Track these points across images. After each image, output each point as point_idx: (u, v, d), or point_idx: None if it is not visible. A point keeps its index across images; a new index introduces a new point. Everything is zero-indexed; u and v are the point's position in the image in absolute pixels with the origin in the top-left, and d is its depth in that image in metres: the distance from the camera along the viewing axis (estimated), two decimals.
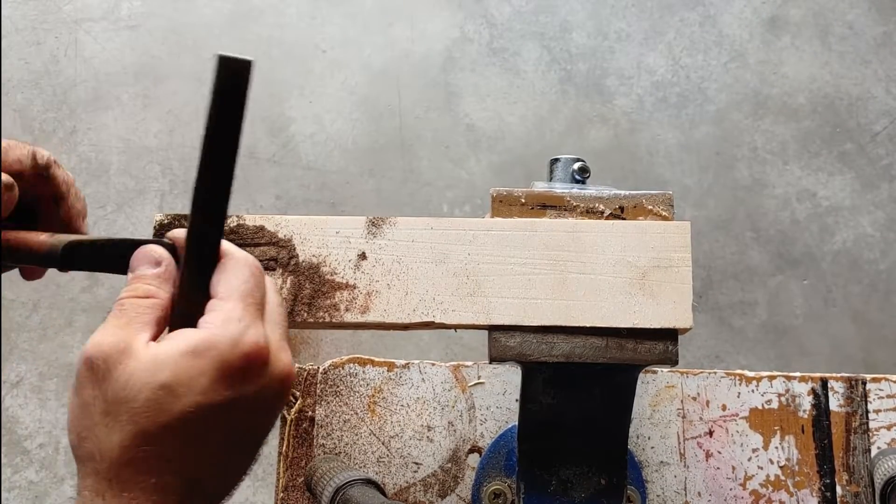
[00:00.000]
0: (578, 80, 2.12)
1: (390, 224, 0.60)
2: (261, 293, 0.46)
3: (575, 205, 0.61)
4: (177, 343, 0.42)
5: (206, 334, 0.42)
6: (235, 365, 0.42)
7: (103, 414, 0.41)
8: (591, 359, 0.58)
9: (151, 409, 0.40)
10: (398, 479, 0.82)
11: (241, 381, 0.42)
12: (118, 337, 0.42)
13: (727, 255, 1.97)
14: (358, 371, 0.85)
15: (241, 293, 0.44)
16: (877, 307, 1.94)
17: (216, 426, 0.42)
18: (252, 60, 0.42)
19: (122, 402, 0.40)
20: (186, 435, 0.41)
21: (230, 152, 0.43)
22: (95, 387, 0.41)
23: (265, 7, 2.14)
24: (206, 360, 0.41)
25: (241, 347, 0.42)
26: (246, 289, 0.45)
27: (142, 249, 0.47)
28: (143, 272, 0.46)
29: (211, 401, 0.41)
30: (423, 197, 2.01)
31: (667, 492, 0.82)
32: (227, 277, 0.45)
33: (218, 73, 0.41)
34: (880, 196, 2.03)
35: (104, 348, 0.41)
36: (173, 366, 0.41)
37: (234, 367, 0.42)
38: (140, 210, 1.97)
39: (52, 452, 1.78)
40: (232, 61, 0.41)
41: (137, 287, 0.45)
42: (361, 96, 2.08)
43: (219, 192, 0.44)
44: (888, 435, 0.84)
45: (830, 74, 2.13)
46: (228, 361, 0.42)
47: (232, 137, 0.43)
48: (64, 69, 2.07)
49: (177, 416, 0.41)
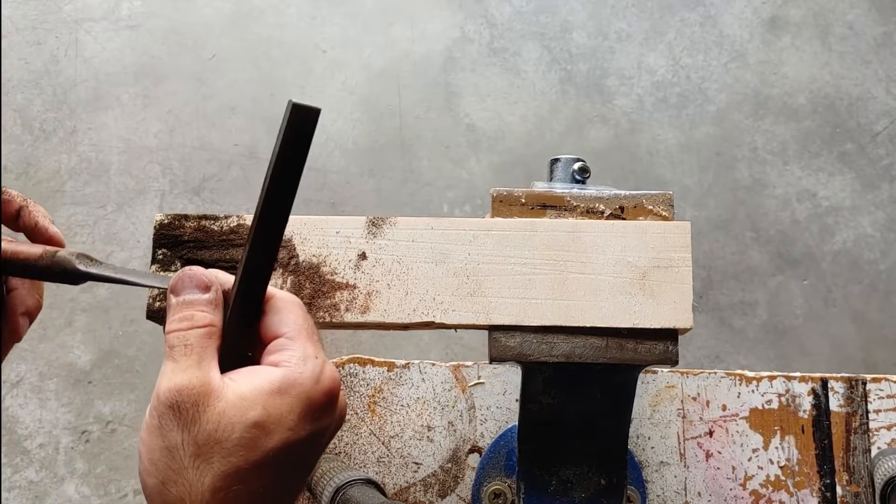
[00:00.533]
0: (579, 80, 2.12)
1: (390, 224, 0.60)
2: (316, 329, 0.47)
3: (575, 205, 0.61)
4: (261, 381, 0.42)
5: (289, 372, 0.43)
6: (318, 401, 0.43)
7: (193, 457, 0.40)
8: (591, 359, 0.58)
9: (244, 447, 0.41)
10: (398, 479, 0.82)
11: (321, 416, 0.44)
12: (199, 378, 0.42)
13: (727, 255, 1.97)
14: (358, 371, 0.85)
15: (307, 331, 0.45)
16: (877, 307, 1.94)
17: (298, 459, 0.44)
18: (319, 109, 0.44)
19: (214, 444, 0.40)
20: (275, 470, 0.42)
21: (291, 192, 0.44)
22: (185, 430, 0.41)
23: (265, 7, 2.14)
24: (293, 397, 0.42)
25: (323, 384, 0.44)
26: (308, 326, 0.46)
27: (186, 272, 0.46)
28: (193, 297, 0.45)
29: (298, 436, 0.42)
30: (424, 197, 2.01)
31: (667, 492, 0.82)
32: (288, 316, 0.46)
33: (289, 119, 0.43)
34: (880, 196, 2.03)
35: (190, 391, 0.41)
36: (262, 404, 0.42)
37: (317, 404, 0.43)
38: (140, 210, 1.97)
39: (52, 452, 1.78)
40: (303, 109, 0.43)
41: (194, 316, 0.44)
42: (362, 96, 2.08)
43: (276, 229, 0.45)
44: (888, 435, 0.84)
45: (831, 75, 2.13)
46: (312, 398, 0.43)
47: (294, 178, 0.44)
48: (64, 69, 2.07)
49: (268, 452, 0.41)
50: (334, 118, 2.04)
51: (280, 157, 0.43)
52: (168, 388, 0.41)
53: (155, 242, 0.60)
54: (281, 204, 0.44)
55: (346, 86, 2.08)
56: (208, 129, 2.03)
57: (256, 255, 0.44)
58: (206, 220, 0.60)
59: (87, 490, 1.76)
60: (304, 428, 0.43)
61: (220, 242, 0.60)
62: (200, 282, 0.46)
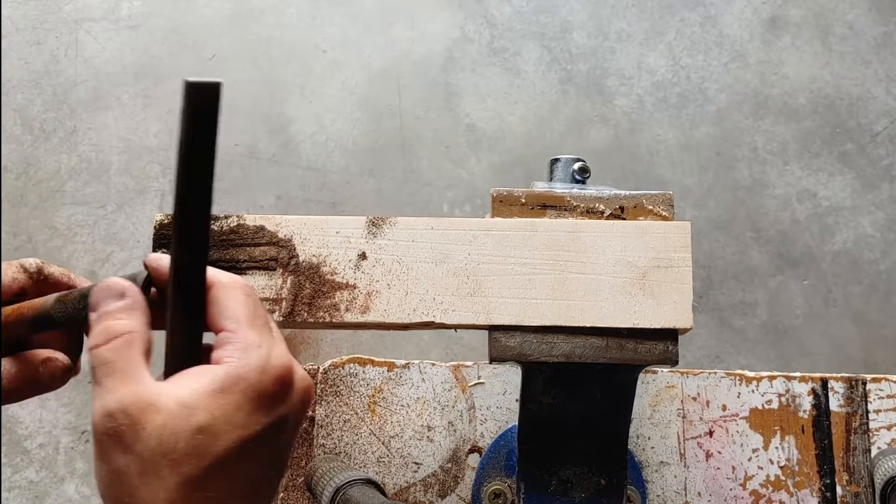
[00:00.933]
0: (579, 80, 2.12)
1: (390, 224, 0.60)
2: (263, 311, 0.45)
3: (575, 205, 0.61)
4: (202, 382, 0.41)
5: (231, 368, 0.41)
6: (269, 391, 0.42)
7: (141, 475, 0.39)
8: (592, 359, 0.58)
9: (194, 454, 0.39)
10: (398, 479, 0.82)
11: (275, 405, 0.42)
12: (128, 396, 0.40)
13: (727, 255, 1.97)
14: (358, 371, 0.85)
15: (248, 318, 0.43)
16: (877, 307, 1.94)
17: (258, 454, 0.42)
18: (220, 82, 0.40)
19: (160, 457, 0.39)
20: (232, 470, 0.41)
21: (206, 178, 0.41)
22: (127, 452, 0.39)
23: (265, 7, 2.14)
24: (237, 394, 0.41)
25: (270, 373, 0.42)
26: (250, 312, 0.44)
27: (100, 286, 0.44)
28: (108, 308, 0.43)
29: (252, 432, 0.41)
30: (424, 197, 2.01)
31: (667, 492, 0.82)
32: (228, 305, 0.44)
33: (186, 99, 0.39)
34: (880, 196, 2.03)
35: (121, 412, 0.39)
36: (205, 407, 0.40)
37: (267, 394, 0.42)
38: (140, 210, 1.97)
39: (52, 452, 1.78)
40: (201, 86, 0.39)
41: (110, 327, 0.42)
42: (362, 96, 2.08)
43: (199, 220, 0.42)
44: (888, 435, 0.84)
45: (831, 75, 2.13)
46: (260, 390, 0.41)
47: (207, 163, 0.41)
48: (64, 69, 2.07)
49: (220, 455, 0.40)
50: (334, 118, 2.05)
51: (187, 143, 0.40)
52: (99, 414, 0.40)
53: (155, 242, 0.60)
54: (198, 195, 0.41)
55: (346, 86, 2.08)
56: None
57: (182, 252, 0.42)
58: None
59: (87, 490, 1.76)
60: (258, 422, 0.41)
61: (220, 242, 0.60)
62: (114, 291, 0.44)
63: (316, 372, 0.85)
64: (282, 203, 1.98)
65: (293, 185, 2.00)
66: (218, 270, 0.46)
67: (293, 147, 2.03)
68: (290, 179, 2.01)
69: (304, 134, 2.03)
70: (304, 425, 0.84)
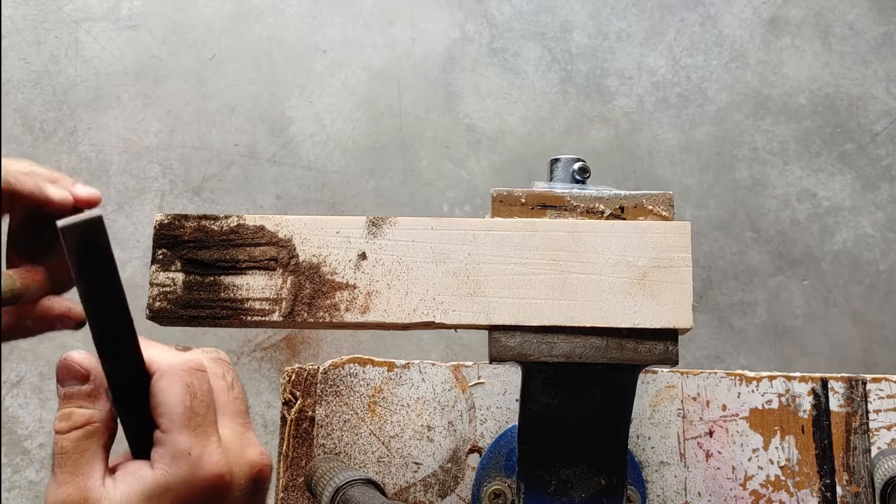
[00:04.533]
0: (579, 80, 2.12)
1: (390, 224, 0.60)
2: (205, 400, 0.43)
3: (575, 205, 0.61)
4: (133, 489, 0.41)
5: (159, 477, 0.41)
6: (198, 500, 0.41)
7: None
8: (592, 359, 0.58)
9: None
10: (398, 479, 0.82)
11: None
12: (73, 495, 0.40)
13: (727, 255, 1.97)
14: (358, 371, 0.85)
15: (182, 417, 0.42)
16: (877, 307, 1.94)
17: None
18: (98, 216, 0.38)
19: None
20: None
21: (113, 301, 0.40)
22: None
23: (265, 7, 2.14)
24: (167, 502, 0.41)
25: (198, 484, 0.41)
26: (185, 409, 0.42)
27: (64, 360, 0.43)
28: (72, 390, 0.43)
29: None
30: (424, 197, 2.01)
31: (667, 492, 0.82)
32: (163, 401, 0.42)
33: (66, 244, 0.37)
34: (880, 196, 2.03)
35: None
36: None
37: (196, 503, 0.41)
38: (140, 210, 1.97)
39: (52, 452, 1.78)
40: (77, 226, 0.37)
41: (73, 414, 0.42)
42: (362, 96, 2.08)
43: (118, 335, 0.41)
44: (888, 435, 0.84)
45: (831, 75, 2.13)
46: (188, 500, 0.41)
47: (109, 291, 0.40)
48: (64, 69, 2.07)
49: None
50: (334, 118, 2.05)
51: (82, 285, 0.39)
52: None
53: (155, 242, 0.60)
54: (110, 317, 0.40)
55: (346, 86, 2.08)
56: (208, 129, 2.03)
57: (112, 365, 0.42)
58: (206, 220, 0.60)
59: None
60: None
61: (220, 242, 0.59)
62: (77, 373, 0.43)
63: (316, 372, 0.85)
64: (282, 203, 1.98)
65: (293, 185, 2.00)
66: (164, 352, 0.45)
67: (293, 147, 2.03)
68: (290, 179, 2.01)
69: (304, 134, 2.03)
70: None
